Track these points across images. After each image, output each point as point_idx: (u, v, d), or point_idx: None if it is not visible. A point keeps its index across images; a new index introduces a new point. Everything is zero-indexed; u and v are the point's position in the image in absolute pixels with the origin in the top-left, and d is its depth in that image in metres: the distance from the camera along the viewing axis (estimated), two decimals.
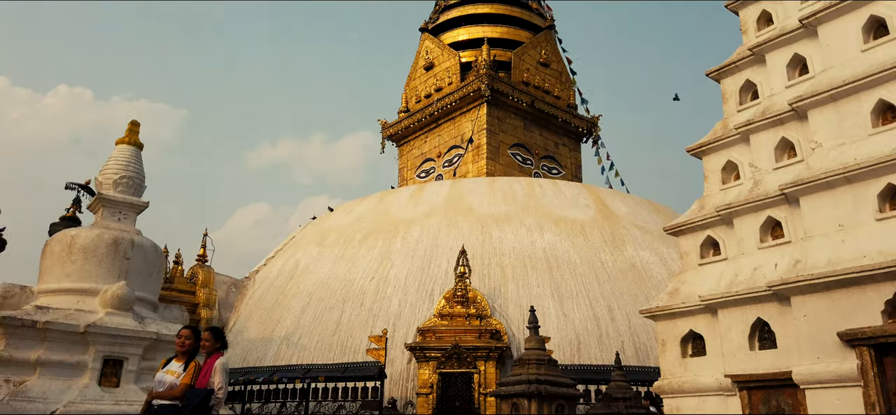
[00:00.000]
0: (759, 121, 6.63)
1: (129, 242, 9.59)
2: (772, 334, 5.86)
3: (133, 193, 10.12)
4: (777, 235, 6.22)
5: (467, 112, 31.09)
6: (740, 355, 5.99)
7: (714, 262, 6.62)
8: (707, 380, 6.27)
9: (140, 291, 9.58)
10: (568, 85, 34.16)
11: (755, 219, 6.30)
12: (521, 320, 18.44)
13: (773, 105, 6.69)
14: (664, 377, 6.64)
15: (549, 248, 21.16)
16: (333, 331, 19.56)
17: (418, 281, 19.97)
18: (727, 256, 6.53)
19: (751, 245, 6.29)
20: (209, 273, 23.64)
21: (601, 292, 20.05)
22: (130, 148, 10.28)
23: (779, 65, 6.87)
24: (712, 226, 6.70)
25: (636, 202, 26.00)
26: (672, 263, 22.26)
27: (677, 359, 6.55)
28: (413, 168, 32.87)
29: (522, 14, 34.32)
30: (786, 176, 6.20)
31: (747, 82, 7.22)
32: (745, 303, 5.97)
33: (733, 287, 6.09)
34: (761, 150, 6.60)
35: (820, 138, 6.12)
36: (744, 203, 6.36)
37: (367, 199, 26.69)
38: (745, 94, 7.27)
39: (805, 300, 5.54)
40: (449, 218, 22.29)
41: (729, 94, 7.35)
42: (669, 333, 6.64)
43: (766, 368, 5.81)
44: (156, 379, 5.41)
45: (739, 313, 6.03)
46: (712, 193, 7.00)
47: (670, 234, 7.24)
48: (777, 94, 6.78)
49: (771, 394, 5.77)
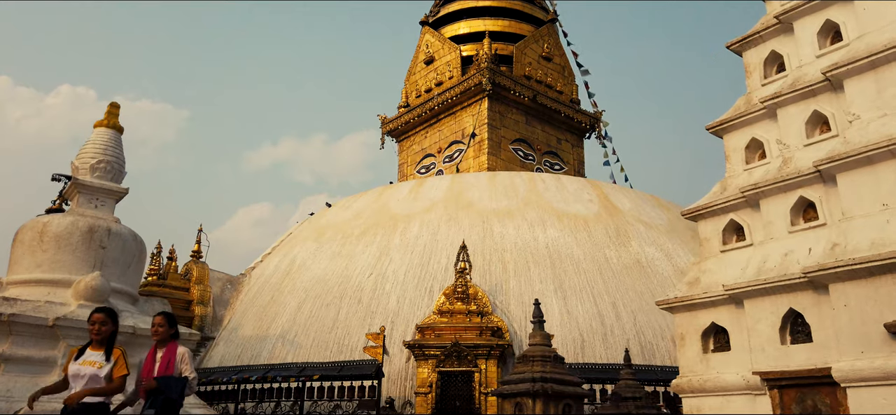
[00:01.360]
0: (787, 93, 6.03)
1: (105, 230, 8.97)
2: (806, 326, 5.26)
3: (111, 179, 9.50)
4: (810, 216, 5.62)
5: (468, 107, 30.52)
6: (770, 349, 5.39)
7: (738, 248, 6.02)
8: (732, 378, 5.67)
9: (117, 282, 8.96)
10: (571, 80, 33.57)
11: (785, 200, 5.70)
12: (524, 317, 17.91)
13: (802, 76, 6.09)
14: (683, 375, 6.04)
15: (552, 243, 20.59)
16: (330, 328, 19.02)
17: (417, 277, 19.42)
18: (753, 241, 5.93)
19: (780, 229, 5.69)
20: (204, 269, 23.12)
21: (606, 289, 19.48)
22: (109, 131, 9.67)
23: (808, 33, 6.27)
24: (736, 209, 6.11)
25: (640, 197, 25.41)
26: (678, 260, 21.71)
27: (698, 355, 5.95)
28: (413, 164, 32.31)
29: (524, 7, 33.73)
30: (819, 152, 5.60)
31: (772, 53, 6.63)
32: (776, 292, 5.37)
33: (762, 275, 5.50)
34: (790, 125, 6.01)
35: (857, 110, 5.53)
36: (772, 183, 5.76)
37: (366, 194, 26.13)
38: (770, 66, 6.67)
39: (845, 288, 4.94)
40: (449, 213, 21.72)
41: (752, 66, 6.75)
42: (689, 326, 6.04)
43: (800, 364, 5.21)
44: (70, 373, 4.70)
45: (769, 304, 5.43)
46: (735, 173, 6.40)
47: (688, 218, 6.65)
48: (807, 65, 6.18)
49: (806, 393, 5.17)
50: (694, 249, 22.65)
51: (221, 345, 21.15)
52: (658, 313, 19.27)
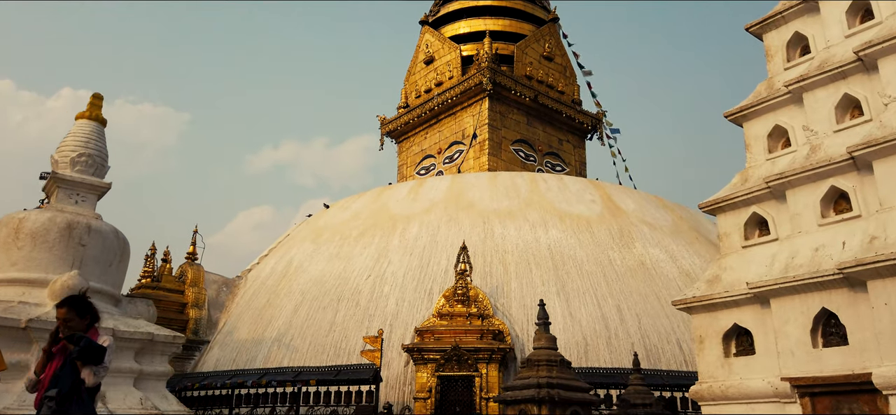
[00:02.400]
0: (815, 76, 5.57)
1: (84, 226, 8.47)
2: (841, 327, 4.79)
3: (93, 173, 8.99)
4: (842, 208, 5.15)
5: (468, 107, 30.12)
6: (800, 353, 4.92)
7: (762, 243, 5.55)
8: (757, 384, 5.19)
9: (97, 281, 8.45)
10: (572, 80, 33.18)
11: (814, 190, 5.23)
12: (525, 319, 17.47)
13: (831, 57, 5.63)
14: (703, 381, 5.56)
15: (555, 244, 20.14)
16: (327, 332, 18.57)
17: (417, 279, 18.96)
18: (778, 235, 5.47)
19: (809, 221, 5.22)
20: (199, 271, 22.66)
21: (609, 291, 19.03)
22: (92, 123, 9.17)
23: (836, 11, 5.81)
24: (759, 201, 5.64)
25: (644, 198, 24.96)
26: (683, 262, 21.28)
27: (719, 359, 5.48)
28: (413, 165, 31.89)
29: (525, 6, 33.36)
30: (851, 138, 5.14)
31: (796, 35, 6.17)
32: (806, 290, 4.90)
33: (790, 271, 5.03)
34: (818, 109, 5.54)
35: (895, 91, 5.07)
36: (800, 172, 5.29)
37: (364, 195, 25.68)
38: (793, 48, 6.22)
39: (886, 285, 4.47)
40: (449, 213, 21.28)
41: (774, 49, 6.29)
42: (709, 327, 5.56)
43: (835, 369, 4.73)
44: None
45: (798, 303, 4.95)
46: (757, 163, 5.94)
47: (707, 212, 6.18)
48: (835, 45, 5.73)
49: (842, 400, 4.69)
50: (699, 251, 22.18)
51: (216, 349, 20.70)
52: (663, 315, 18.81)
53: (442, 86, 31.03)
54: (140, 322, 8.52)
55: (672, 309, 18.84)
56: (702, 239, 22.93)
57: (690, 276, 20.22)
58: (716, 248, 23.07)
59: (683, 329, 18.54)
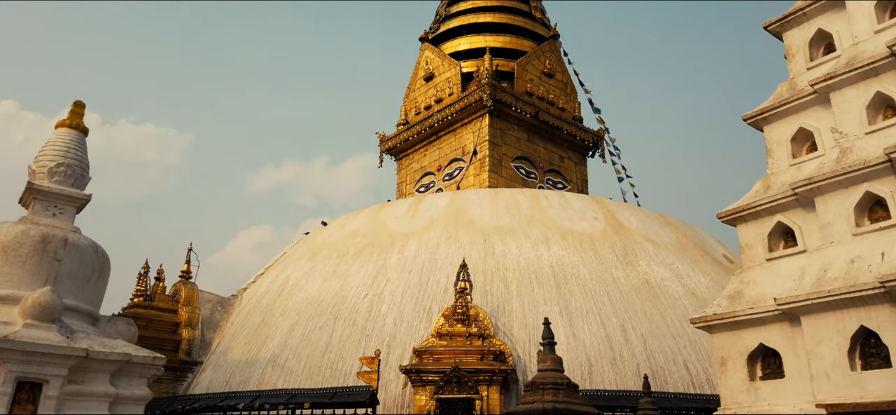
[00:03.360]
0: (843, 74, 5.15)
1: (60, 240, 7.95)
2: (883, 347, 4.30)
3: (72, 184, 8.48)
4: (878, 215, 4.70)
5: (468, 124, 29.81)
6: (837, 376, 4.43)
7: (789, 255, 5.09)
8: (787, 411, 4.69)
9: (72, 298, 7.93)
10: (573, 97, 32.94)
11: (847, 196, 4.78)
12: (527, 340, 16.93)
13: (860, 54, 5.21)
14: (726, 406, 5.07)
15: (557, 262, 19.64)
16: (323, 352, 18.01)
17: (415, 298, 18.43)
18: (807, 247, 5.00)
19: (842, 230, 4.76)
20: (193, 290, 22.15)
21: (613, 311, 18.49)
22: (72, 132, 8.70)
23: (864, 6, 5.39)
24: (784, 209, 5.18)
25: (648, 215, 24.51)
26: (689, 280, 20.76)
27: (743, 382, 4.98)
28: (412, 182, 31.51)
29: (525, 23, 33.21)
30: (887, 139, 4.70)
31: (819, 32, 5.76)
32: (842, 306, 4.42)
33: (823, 286, 4.55)
34: (847, 110, 5.11)
35: None
36: (830, 176, 4.84)
37: (363, 212, 25.21)
38: (815, 47, 5.80)
39: None
40: (449, 231, 20.80)
41: (795, 48, 5.87)
42: (732, 348, 5.07)
43: (877, 394, 4.24)
44: None
45: (833, 321, 4.48)
46: (780, 169, 5.49)
47: (726, 222, 5.72)
48: (864, 41, 5.31)
49: None
50: (705, 270, 21.67)
51: (209, 370, 20.12)
52: (669, 336, 18.26)
53: (442, 102, 30.76)
54: (117, 342, 8.00)
55: (678, 329, 18.30)
56: (707, 257, 22.45)
57: (696, 295, 19.69)
58: (721, 267, 22.59)
59: (690, 350, 17.98)
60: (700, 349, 17.63)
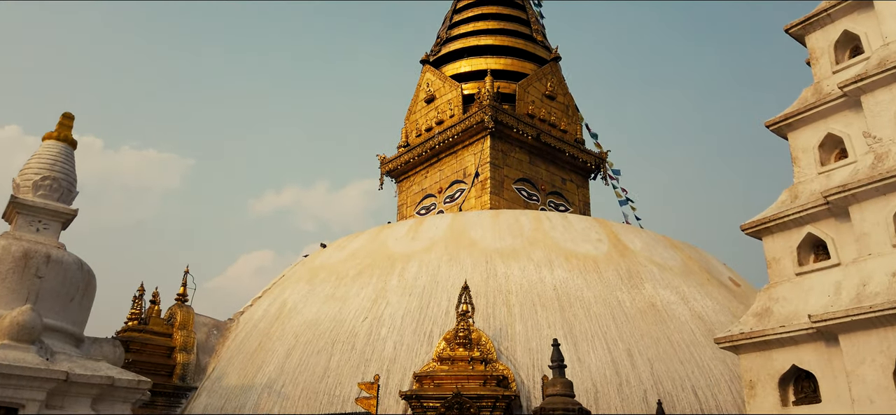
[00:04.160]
0: (875, 74, 4.81)
1: (43, 256, 7.53)
2: None
3: (58, 199, 8.10)
4: None
5: (470, 145, 29.64)
6: (881, 400, 4.02)
7: (821, 268, 4.70)
8: None
9: (54, 318, 7.50)
10: (575, 119, 32.82)
11: (885, 204, 4.40)
12: (531, 365, 16.46)
13: (893, 54, 4.88)
14: None
15: (560, 285, 19.22)
16: (321, 378, 17.53)
17: (416, 321, 17.99)
18: (841, 260, 4.62)
19: (881, 241, 4.38)
20: (188, 314, 21.66)
21: (619, 335, 18.04)
22: (59, 144, 8.36)
23: (894, 4, 5.09)
24: (814, 220, 4.81)
25: (652, 237, 24.12)
26: (695, 304, 20.32)
27: (775, 407, 4.56)
28: (413, 205, 31.23)
29: (527, 46, 33.26)
30: None
31: (845, 34, 5.43)
32: (886, 323, 4.02)
33: (863, 301, 4.16)
34: (880, 113, 4.77)
35: None
36: (866, 183, 4.48)
37: (363, 234, 24.83)
38: (841, 49, 5.48)
39: None
40: (450, 252, 20.42)
41: (820, 51, 5.54)
42: (761, 370, 4.66)
43: None
44: None
45: (876, 339, 4.08)
46: (807, 178, 5.13)
47: (750, 234, 5.34)
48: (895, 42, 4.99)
49: None
50: (711, 293, 21.20)
51: (204, 395, 19.59)
52: (677, 360, 17.76)
53: (443, 124, 30.64)
54: (100, 364, 7.59)
55: (686, 354, 17.81)
56: (713, 280, 22.05)
57: (703, 319, 19.25)
58: (728, 290, 22.14)
59: (699, 375, 17.49)
60: (708, 374, 17.15)
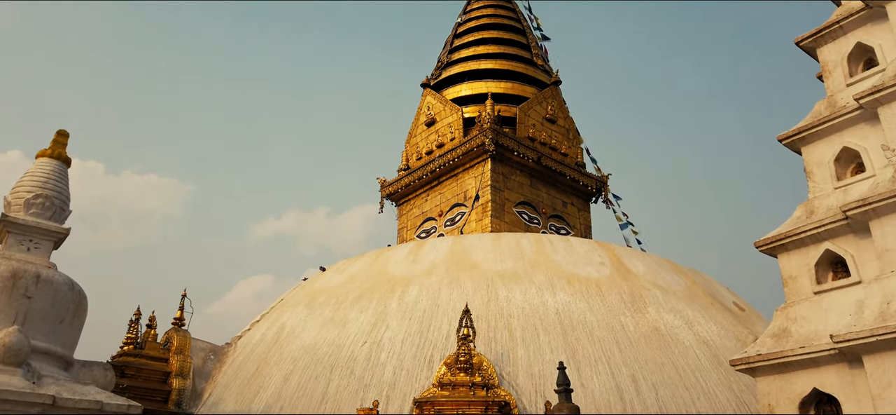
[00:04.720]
0: (892, 86, 4.64)
1: (32, 276, 7.30)
2: None
3: (50, 217, 7.89)
4: None
5: (470, 169, 29.58)
6: None
7: (841, 286, 4.50)
8: None
9: (43, 340, 7.25)
10: (576, 142, 32.84)
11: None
12: (533, 390, 16.13)
13: None
14: None
15: (563, 309, 18.93)
16: (319, 403, 17.18)
17: (416, 345, 17.68)
18: (862, 277, 4.41)
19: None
20: (185, 338, 21.33)
21: (623, 359, 17.71)
22: (53, 162, 8.20)
23: None
24: (833, 236, 4.61)
25: (655, 261, 23.88)
26: (700, 328, 20.01)
27: None
28: (413, 228, 31.06)
29: (527, 70, 33.40)
30: None
31: (859, 47, 5.28)
32: None
33: (888, 320, 3.95)
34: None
35: None
36: (887, 196, 4.28)
37: (363, 257, 24.59)
38: (854, 62, 5.32)
39: None
40: (451, 275, 20.16)
41: (832, 64, 5.39)
42: (780, 394, 4.42)
43: None
44: None
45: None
46: (823, 193, 4.95)
47: (764, 251, 5.13)
48: None
49: None
50: (715, 318, 20.90)
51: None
52: (682, 386, 17.42)
53: (443, 147, 30.62)
54: (89, 388, 7.33)
55: (691, 379, 17.48)
56: (717, 305, 21.75)
57: (708, 344, 18.94)
58: (732, 314, 21.83)
59: (704, 401, 17.14)
60: (714, 400, 16.82)
